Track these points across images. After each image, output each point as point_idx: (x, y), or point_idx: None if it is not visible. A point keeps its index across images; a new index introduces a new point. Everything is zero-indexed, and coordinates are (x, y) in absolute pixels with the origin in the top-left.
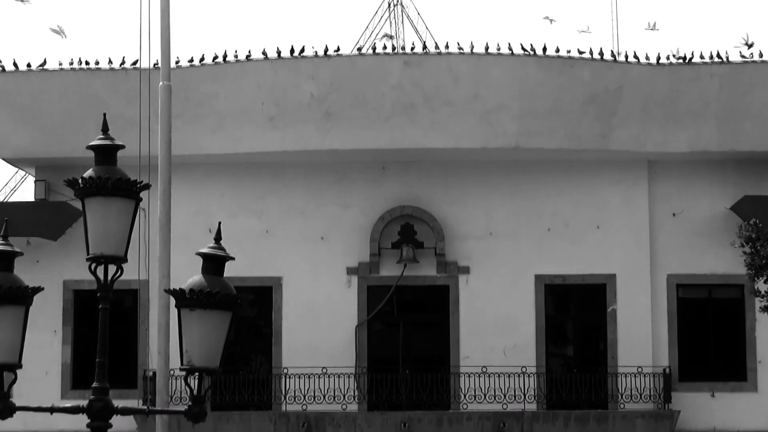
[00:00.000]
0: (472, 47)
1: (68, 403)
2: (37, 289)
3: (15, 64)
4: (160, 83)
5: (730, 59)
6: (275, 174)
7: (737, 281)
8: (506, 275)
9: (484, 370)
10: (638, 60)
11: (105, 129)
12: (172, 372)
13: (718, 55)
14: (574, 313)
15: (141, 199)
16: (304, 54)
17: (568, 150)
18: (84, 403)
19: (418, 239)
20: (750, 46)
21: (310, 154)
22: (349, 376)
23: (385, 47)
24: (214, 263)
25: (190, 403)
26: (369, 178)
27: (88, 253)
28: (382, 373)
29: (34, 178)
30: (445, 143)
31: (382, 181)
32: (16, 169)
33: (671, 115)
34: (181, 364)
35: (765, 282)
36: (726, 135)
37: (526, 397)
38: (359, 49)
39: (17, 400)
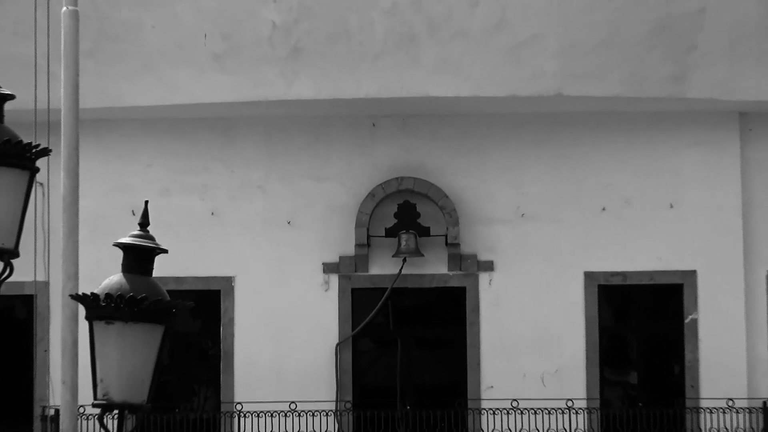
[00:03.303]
0: None
1: None
2: None
3: None
4: (63, 8)
5: None
6: (224, 135)
7: None
8: (544, 273)
9: (514, 404)
10: None
11: None
12: (81, 409)
13: None
14: (639, 325)
15: (38, 170)
16: None
17: (627, 99)
18: None
19: (423, 223)
20: None
21: (272, 107)
22: (327, 414)
23: None
24: (138, 258)
25: None
26: (353, 139)
27: None
28: (372, 409)
29: None
30: (458, 91)
31: (371, 143)
32: None
33: None
34: (95, 398)
35: None
36: None
37: None
38: None
39: None
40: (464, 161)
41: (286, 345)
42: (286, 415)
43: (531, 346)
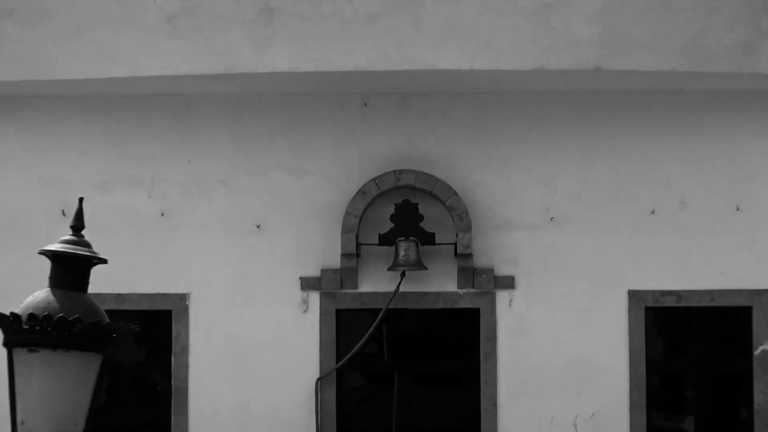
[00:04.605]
0: None
1: None
2: None
3: None
4: None
5: None
6: (178, 116)
7: None
8: (578, 292)
9: None
10: None
11: None
12: None
13: None
14: (697, 358)
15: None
16: None
17: (684, 75)
18: None
19: (426, 228)
20: None
21: (238, 81)
22: None
23: None
24: (71, 269)
25: None
26: (340, 122)
27: None
28: None
29: None
30: (472, 62)
31: (362, 127)
32: None
33: None
34: None
35: None
36: None
37: None
38: None
39: None
40: (479, 151)
41: (254, 380)
42: None
43: (561, 383)
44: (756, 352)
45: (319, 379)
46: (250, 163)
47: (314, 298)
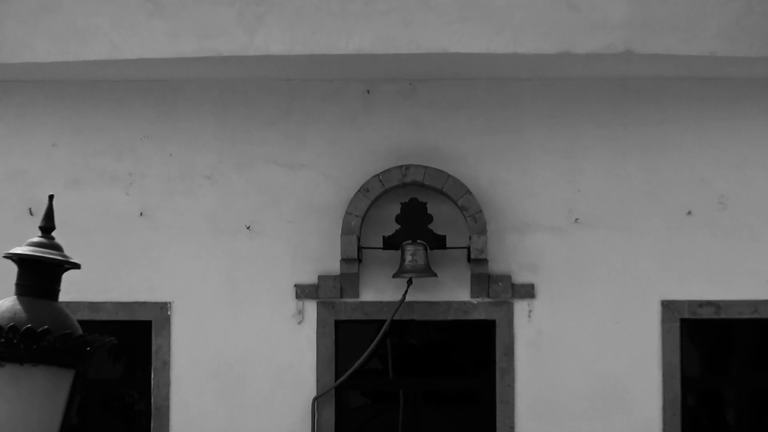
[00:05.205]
0: None
1: None
2: None
3: None
4: None
5: None
6: (159, 104)
7: None
8: (606, 302)
9: None
10: None
11: None
12: None
13: None
14: (739, 376)
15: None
16: None
17: (725, 60)
18: None
19: (436, 230)
20: None
21: (227, 65)
22: None
23: None
24: (40, 275)
25: None
26: (340, 112)
27: None
28: None
29: None
30: (488, 45)
31: (365, 117)
32: None
33: None
34: None
35: None
36: None
37: None
38: None
39: None
40: (495, 144)
41: (243, 400)
42: None
43: (586, 404)
44: None
45: (315, 399)
46: (240, 157)
47: (311, 307)
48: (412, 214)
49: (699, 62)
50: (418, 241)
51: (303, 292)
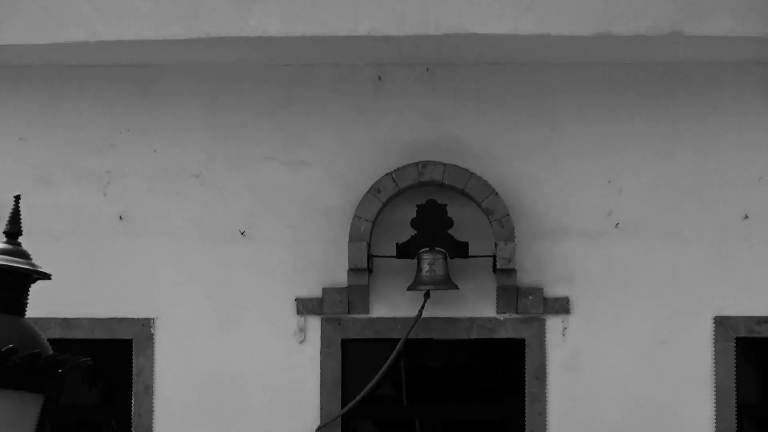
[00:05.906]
0: None
1: None
2: None
3: None
4: None
5: None
6: (143, 93)
7: None
8: (651, 318)
9: None
10: None
11: None
12: None
13: None
14: None
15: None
16: None
17: None
18: None
19: (457, 237)
20: None
21: (218, 49)
22: None
23: None
24: (4, 287)
25: None
26: (347, 101)
27: None
28: None
29: None
30: (516, 26)
31: (375, 108)
32: None
33: None
34: None
35: None
36: None
37: None
38: None
39: None
40: (524, 137)
41: (236, 429)
42: None
43: None
44: None
45: (319, 429)
46: (233, 153)
47: (314, 324)
48: (429, 217)
49: (755, 45)
50: (437, 248)
51: (305, 306)
